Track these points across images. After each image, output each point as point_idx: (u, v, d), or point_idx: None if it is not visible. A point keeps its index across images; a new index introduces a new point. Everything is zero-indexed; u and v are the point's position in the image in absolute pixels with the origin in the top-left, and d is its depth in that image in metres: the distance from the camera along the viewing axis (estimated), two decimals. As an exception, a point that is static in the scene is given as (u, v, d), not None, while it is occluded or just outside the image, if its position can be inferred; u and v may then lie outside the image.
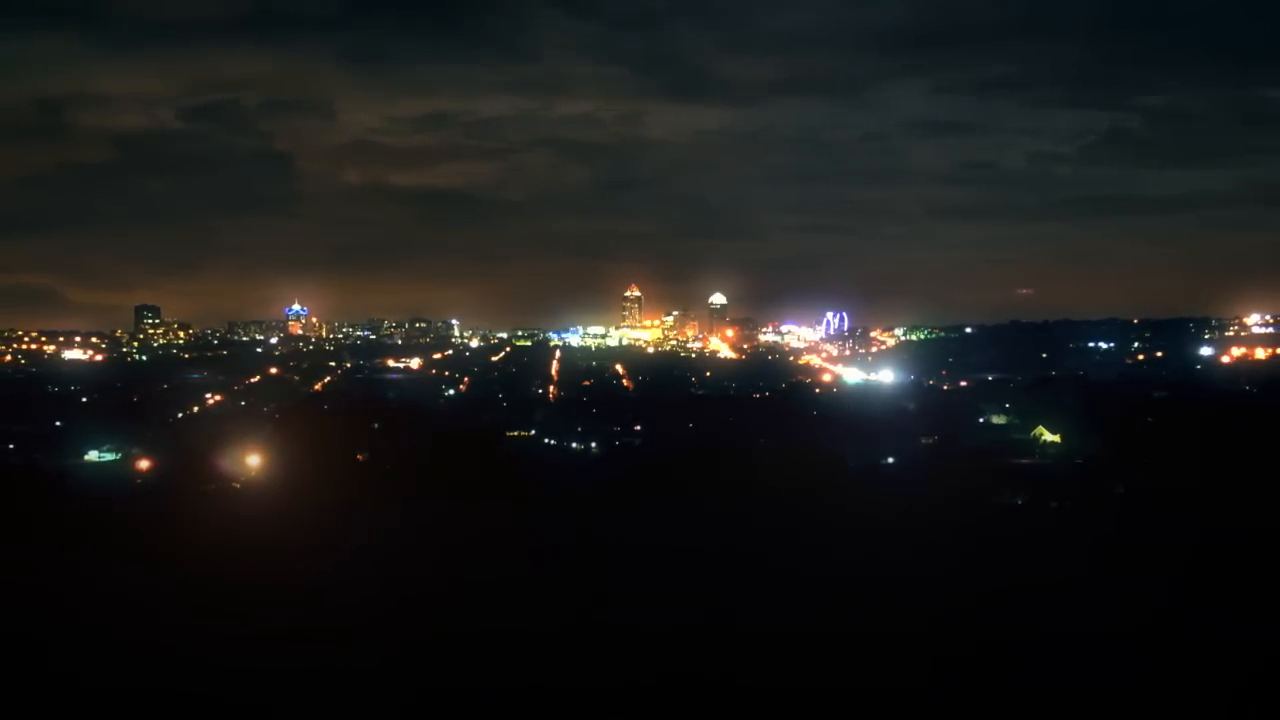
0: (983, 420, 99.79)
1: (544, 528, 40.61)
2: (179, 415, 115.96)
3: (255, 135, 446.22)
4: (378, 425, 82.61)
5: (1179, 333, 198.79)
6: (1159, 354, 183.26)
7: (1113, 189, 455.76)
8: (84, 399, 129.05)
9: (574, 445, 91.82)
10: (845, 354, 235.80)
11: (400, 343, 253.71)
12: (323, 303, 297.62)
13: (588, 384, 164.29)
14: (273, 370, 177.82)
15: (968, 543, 37.05)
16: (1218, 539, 35.52)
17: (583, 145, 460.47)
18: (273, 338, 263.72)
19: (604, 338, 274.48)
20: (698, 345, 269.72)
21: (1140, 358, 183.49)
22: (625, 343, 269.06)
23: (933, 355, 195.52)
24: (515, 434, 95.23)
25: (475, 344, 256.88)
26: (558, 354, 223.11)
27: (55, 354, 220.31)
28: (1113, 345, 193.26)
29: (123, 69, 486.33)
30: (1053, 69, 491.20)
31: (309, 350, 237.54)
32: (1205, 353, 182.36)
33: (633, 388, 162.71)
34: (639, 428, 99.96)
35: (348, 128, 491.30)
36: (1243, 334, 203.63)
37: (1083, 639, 24.51)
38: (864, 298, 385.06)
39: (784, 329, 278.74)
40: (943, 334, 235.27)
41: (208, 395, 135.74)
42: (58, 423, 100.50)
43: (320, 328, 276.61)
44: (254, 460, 67.76)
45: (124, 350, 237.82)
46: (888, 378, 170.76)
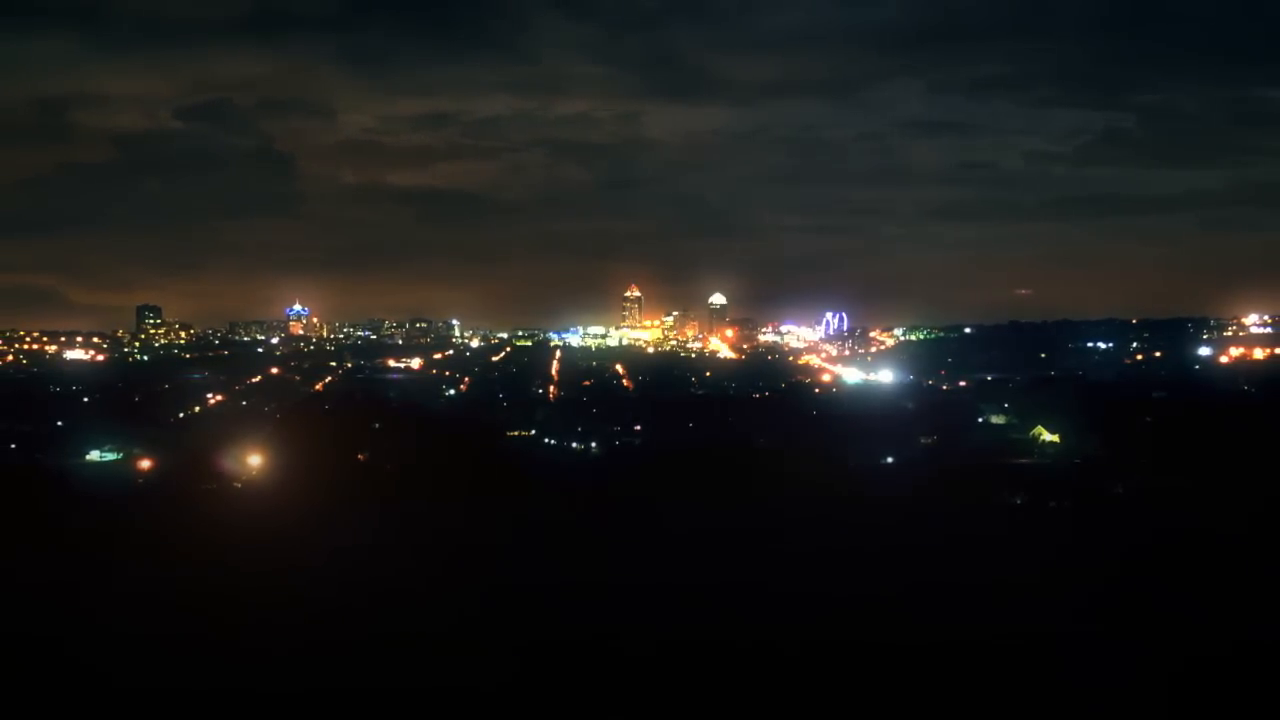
0: (982, 420, 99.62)
1: (544, 527, 40.82)
2: (180, 415, 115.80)
3: (255, 135, 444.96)
4: (378, 425, 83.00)
5: (1177, 333, 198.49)
6: (1157, 354, 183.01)
7: (1110, 189, 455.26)
8: (86, 399, 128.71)
9: (574, 445, 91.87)
10: (844, 354, 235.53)
11: (401, 343, 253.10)
12: (323, 303, 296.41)
13: (588, 384, 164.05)
14: (274, 370, 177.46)
15: (967, 542, 37.23)
16: (1216, 538, 35.77)
17: (582, 145, 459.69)
18: (274, 338, 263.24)
19: (604, 338, 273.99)
20: (697, 345, 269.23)
21: (1139, 358, 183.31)
22: (625, 343, 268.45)
23: (932, 355, 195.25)
24: (516, 433, 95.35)
25: (476, 344, 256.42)
26: (558, 354, 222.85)
27: (57, 354, 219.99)
28: (1111, 345, 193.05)
29: (123, 69, 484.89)
30: (1049, 69, 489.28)
31: (310, 350, 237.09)
32: (1203, 353, 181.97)
33: (633, 388, 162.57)
34: (639, 427, 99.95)
35: (347, 128, 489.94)
36: (1241, 334, 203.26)
37: (1081, 638, 24.64)
38: (863, 298, 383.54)
39: (783, 329, 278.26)
40: (941, 334, 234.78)
41: (209, 395, 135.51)
42: (59, 423, 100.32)
43: (321, 328, 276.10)
44: (255, 460, 67.96)
45: (125, 350, 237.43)
46: (887, 378, 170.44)
